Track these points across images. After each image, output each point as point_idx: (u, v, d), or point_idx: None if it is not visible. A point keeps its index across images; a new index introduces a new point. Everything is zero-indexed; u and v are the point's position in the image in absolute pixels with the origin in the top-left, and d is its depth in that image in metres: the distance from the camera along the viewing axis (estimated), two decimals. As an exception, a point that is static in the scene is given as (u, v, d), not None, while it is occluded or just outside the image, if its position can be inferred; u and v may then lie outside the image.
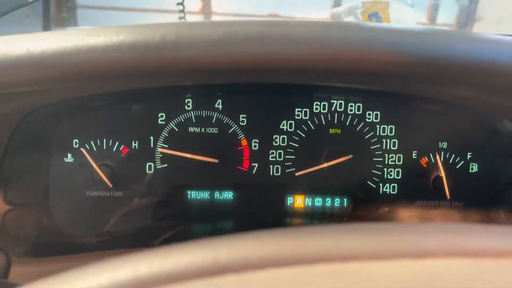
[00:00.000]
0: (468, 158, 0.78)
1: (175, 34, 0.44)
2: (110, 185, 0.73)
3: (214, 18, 2.68)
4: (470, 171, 0.78)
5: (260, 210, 0.78)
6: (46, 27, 1.31)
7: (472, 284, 0.27)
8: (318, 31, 0.42)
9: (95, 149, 0.74)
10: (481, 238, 0.32)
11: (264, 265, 0.26)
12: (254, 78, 0.48)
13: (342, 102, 0.76)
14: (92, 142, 0.74)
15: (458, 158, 0.77)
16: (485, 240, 0.31)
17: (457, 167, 0.78)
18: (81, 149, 0.74)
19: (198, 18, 2.64)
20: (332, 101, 0.76)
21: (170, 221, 0.75)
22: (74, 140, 0.74)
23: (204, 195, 0.77)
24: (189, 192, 0.77)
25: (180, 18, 1.33)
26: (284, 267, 0.26)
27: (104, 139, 0.74)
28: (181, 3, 1.32)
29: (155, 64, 0.44)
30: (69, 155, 0.74)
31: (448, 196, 0.77)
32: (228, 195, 0.77)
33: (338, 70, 0.42)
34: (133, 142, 0.75)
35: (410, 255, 0.31)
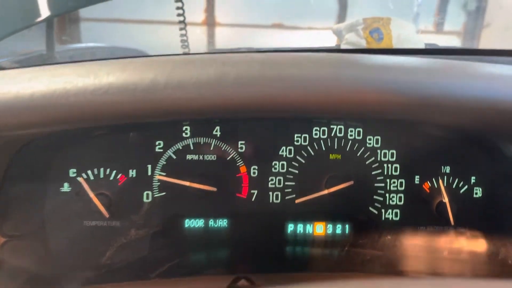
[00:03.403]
0: (472, 183, 0.76)
1: (165, 76, 0.43)
2: (107, 215, 0.72)
3: (218, 29, 2.68)
4: (474, 196, 0.76)
5: (259, 239, 0.77)
6: (49, 45, 1.31)
7: None
8: (311, 71, 0.41)
9: (92, 178, 0.73)
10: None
11: None
12: (247, 116, 0.47)
13: (342, 127, 0.75)
14: (89, 171, 0.73)
15: (462, 182, 0.76)
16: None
17: (461, 192, 0.76)
18: (78, 178, 0.73)
19: (202, 29, 2.65)
20: (331, 126, 0.75)
21: (168, 252, 0.74)
22: (71, 170, 0.73)
23: (202, 224, 0.76)
24: (187, 221, 0.76)
25: (181, 29, 1.33)
26: None
27: (102, 168, 0.73)
28: (183, 16, 1.32)
29: (144, 107, 0.43)
30: (66, 185, 0.73)
31: (452, 222, 0.75)
32: (227, 223, 0.76)
33: (331, 111, 0.41)
34: (130, 170, 0.74)
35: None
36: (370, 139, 0.75)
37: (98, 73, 0.45)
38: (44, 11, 0.95)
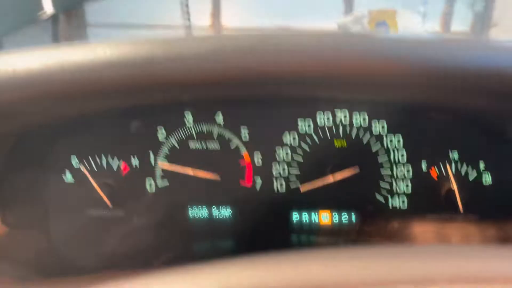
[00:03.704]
0: (481, 169, 0.74)
1: (163, 49, 0.43)
2: (110, 205, 0.72)
3: (225, 32, 2.69)
4: (484, 183, 0.74)
5: (265, 227, 0.75)
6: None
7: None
8: (307, 41, 0.40)
9: (94, 168, 0.73)
10: (488, 262, 0.29)
11: None
12: (246, 91, 0.47)
13: (346, 112, 0.73)
14: (91, 160, 0.73)
15: (470, 168, 0.74)
16: (492, 265, 0.29)
17: (470, 179, 0.74)
18: (81, 167, 0.72)
19: (208, 33, 2.65)
20: (336, 111, 0.74)
21: (171, 241, 0.73)
22: (73, 159, 0.73)
23: (205, 213, 0.75)
24: (190, 210, 0.75)
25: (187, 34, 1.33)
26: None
27: (104, 158, 0.73)
28: (189, 20, 1.32)
29: (143, 80, 0.42)
30: (68, 174, 0.73)
31: (461, 210, 0.73)
32: (231, 212, 0.75)
33: (334, 80, 0.40)
34: (133, 159, 0.73)
35: (412, 282, 0.29)
36: (375, 125, 0.74)
37: (96, 49, 0.44)
38: (48, 5, 0.96)
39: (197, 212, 0.75)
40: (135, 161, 0.73)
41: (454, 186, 0.73)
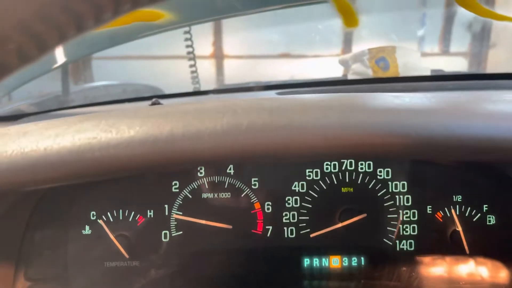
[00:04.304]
0: (484, 211, 0.76)
1: (182, 128, 0.46)
2: (127, 256, 0.75)
3: (226, 61, 2.74)
4: (488, 223, 0.77)
5: (276, 273, 0.78)
6: (65, 87, 1.36)
7: None
8: (318, 118, 0.44)
9: (112, 220, 0.76)
10: None
11: None
12: (258, 161, 0.50)
13: (352, 161, 0.77)
14: (109, 213, 0.76)
15: (474, 211, 0.76)
16: None
17: (474, 220, 0.76)
18: (98, 221, 0.75)
19: (210, 62, 2.71)
20: (342, 160, 0.77)
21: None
22: (92, 213, 0.76)
23: (221, 260, 0.77)
24: (204, 258, 0.77)
25: (191, 67, 1.37)
26: None
27: (121, 210, 0.76)
28: (192, 54, 1.36)
29: (163, 158, 0.46)
30: (87, 228, 0.76)
31: (467, 251, 0.75)
32: (244, 259, 0.78)
33: (338, 155, 0.43)
34: (148, 211, 0.76)
35: None
36: (380, 172, 0.77)
37: (120, 127, 0.48)
38: (61, 59, 1.00)
39: (211, 259, 0.77)
40: (150, 213, 0.76)
41: (459, 228, 0.75)
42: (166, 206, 0.77)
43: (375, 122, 0.44)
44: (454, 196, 0.77)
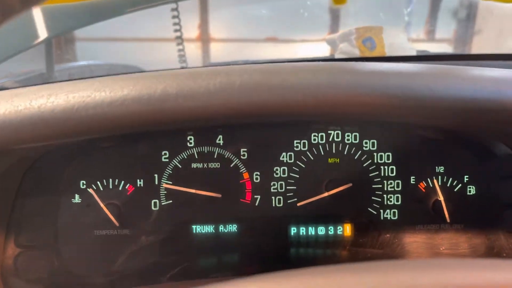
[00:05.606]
0: (465, 181, 0.79)
1: (175, 87, 0.47)
2: (117, 224, 0.75)
3: (212, 44, 2.73)
4: (468, 193, 0.80)
5: (264, 241, 0.80)
6: (49, 64, 1.35)
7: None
8: (308, 78, 0.45)
9: (102, 189, 0.76)
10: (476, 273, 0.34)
11: None
12: (248, 120, 0.51)
13: (339, 132, 0.78)
14: (98, 182, 0.76)
15: (456, 181, 0.79)
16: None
17: (455, 190, 0.79)
18: (89, 189, 0.76)
19: (196, 45, 2.69)
20: (329, 131, 0.78)
21: (177, 257, 0.77)
22: (81, 181, 0.76)
23: (209, 229, 0.79)
24: (194, 227, 0.79)
25: (179, 45, 1.36)
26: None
27: (110, 179, 0.77)
28: (180, 32, 1.36)
29: (157, 116, 0.46)
30: (77, 196, 0.76)
31: (448, 220, 0.78)
32: (233, 228, 0.79)
33: (329, 114, 0.45)
34: (138, 180, 0.77)
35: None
36: (366, 143, 0.79)
37: (114, 87, 0.48)
38: (44, 33, 0.99)
39: (200, 228, 0.79)
40: (140, 182, 0.77)
41: (441, 198, 0.78)
42: (156, 175, 0.77)
43: (364, 83, 0.46)
44: (436, 168, 0.79)
